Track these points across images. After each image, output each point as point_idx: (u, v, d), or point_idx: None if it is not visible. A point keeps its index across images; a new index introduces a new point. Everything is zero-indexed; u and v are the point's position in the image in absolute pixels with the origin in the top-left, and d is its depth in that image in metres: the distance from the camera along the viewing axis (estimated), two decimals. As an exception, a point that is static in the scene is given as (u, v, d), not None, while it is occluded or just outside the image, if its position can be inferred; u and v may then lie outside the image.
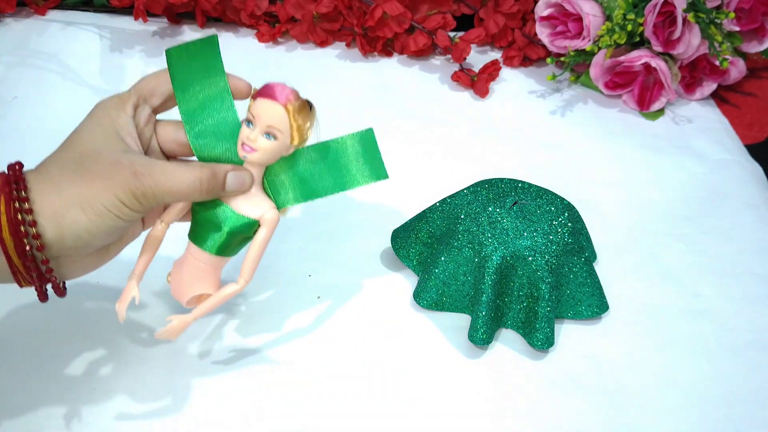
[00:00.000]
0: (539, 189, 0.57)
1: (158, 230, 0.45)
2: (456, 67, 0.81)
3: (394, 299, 0.57)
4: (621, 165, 0.70)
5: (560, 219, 0.54)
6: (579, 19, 0.76)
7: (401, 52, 0.83)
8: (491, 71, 0.77)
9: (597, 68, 0.76)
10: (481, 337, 0.52)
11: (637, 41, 0.75)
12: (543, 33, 0.79)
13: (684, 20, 0.71)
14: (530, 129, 0.74)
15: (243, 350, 0.53)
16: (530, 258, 0.52)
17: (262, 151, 0.42)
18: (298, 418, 0.49)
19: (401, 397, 0.50)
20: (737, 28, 0.75)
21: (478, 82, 0.77)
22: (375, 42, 0.81)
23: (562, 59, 0.77)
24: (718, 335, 0.55)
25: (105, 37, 0.83)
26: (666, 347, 0.54)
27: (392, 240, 0.58)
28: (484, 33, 0.80)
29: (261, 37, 0.83)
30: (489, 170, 0.67)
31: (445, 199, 0.57)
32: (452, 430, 0.49)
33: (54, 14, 0.85)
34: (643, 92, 0.76)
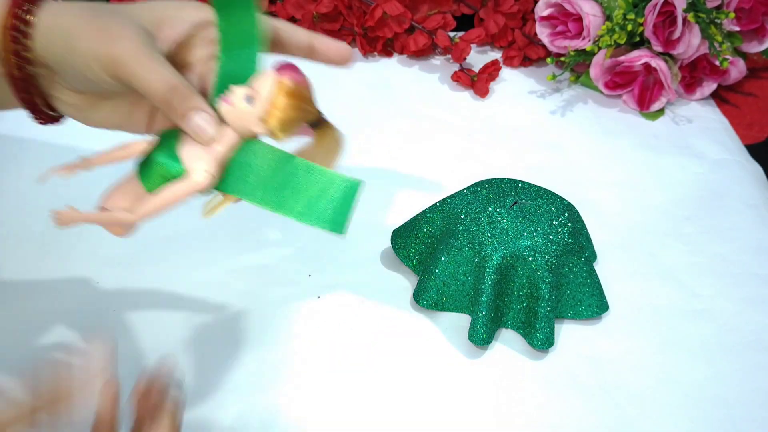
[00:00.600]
0: (539, 189, 0.57)
1: (137, 146, 0.41)
2: (456, 67, 0.81)
3: (394, 299, 0.57)
4: (621, 165, 0.70)
5: (560, 219, 0.54)
6: (579, 19, 0.76)
7: (401, 52, 0.83)
8: (491, 71, 0.77)
9: (597, 68, 0.76)
10: (481, 337, 0.52)
11: (637, 41, 0.75)
12: (543, 33, 0.79)
13: (684, 20, 0.71)
14: (530, 129, 0.74)
15: (242, 350, 0.53)
16: (530, 258, 0.52)
17: (234, 109, 0.39)
18: (298, 418, 0.49)
19: (401, 397, 0.50)
20: (737, 28, 0.75)
21: (478, 82, 0.77)
22: (375, 42, 0.81)
23: (562, 59, 0.77)
24: (718, 335, 0.55)
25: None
26: (666, 347, 0.54)
27: (392, 240, 0.58)
28: (484, 33, 0.80)
29: (261, 37, 0.83)
30: (489, 170, 0.67)
31: (445, 199, 0.57)
32: (452, 430, 0.49)
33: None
34: (643, 92, 0.76)
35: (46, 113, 0.42)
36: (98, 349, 0.39)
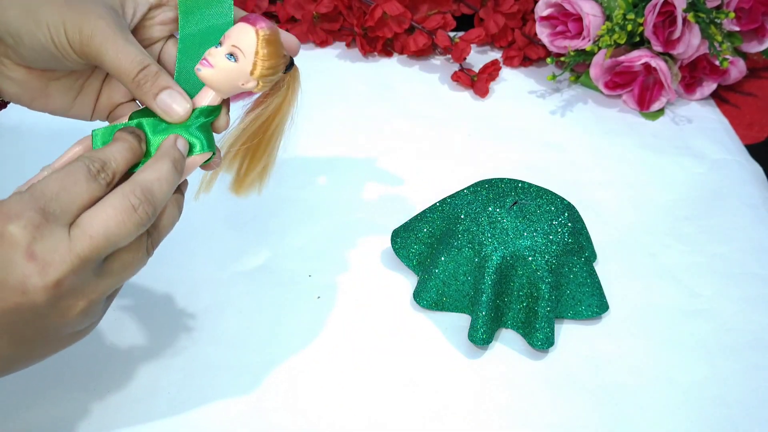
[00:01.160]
0: (539, 189, 0.57)
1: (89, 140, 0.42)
2: (456, 67, 0.81)
3: (394, 299, 0.57)
4: (621, 165, 0.70)
5: (560, 219, 0.54)
6: (579, 19, 0.76)
7: (401, 52, 0.83)
8: (491, 71, 0.77)
9: (597, 68, 0.76)
10: (481, 337, 0.52)
11: (637, 41, 0.75)
12: (543, 33, 0.79)
13: (684, 20, 0.71)
14: (530, 129, 0.74)
15: (242, 350, 0.53)
16: (530, 258, 0.52)
17: (218, 69, 0.40)
18: (298, 418, 0.49)
19: (401, 397, 0.50)
20: (737, 28, 0.75)
21: (478, 82, 0.77)
22: (375, 42, 0.81)
23: (562, 59, 0.77)
24: (718, 335, 0.55)
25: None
26: (666, 347, 0.54)
27: (392, 240, 0.58)
28: (484, 33, 0.80)
29: (261, 37, 0.83)
30: (489, 170, 0.67)
31: (445, 199, 0.57)
32: (452, 430, 0.49)
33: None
34: (643, 92, 0.76)
35: None
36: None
